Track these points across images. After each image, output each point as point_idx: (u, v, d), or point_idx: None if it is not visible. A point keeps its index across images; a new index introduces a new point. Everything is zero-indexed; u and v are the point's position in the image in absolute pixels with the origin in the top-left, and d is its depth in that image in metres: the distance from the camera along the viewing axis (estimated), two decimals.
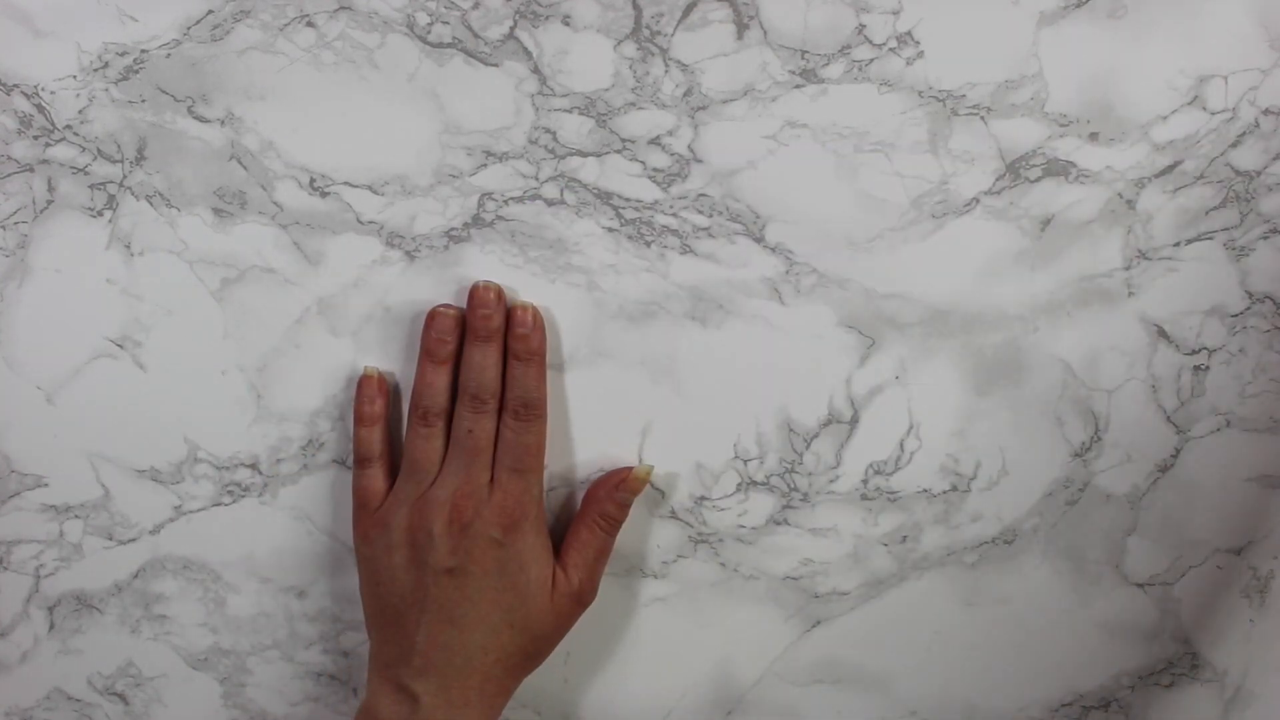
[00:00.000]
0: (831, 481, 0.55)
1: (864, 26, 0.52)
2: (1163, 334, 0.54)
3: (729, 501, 0.55)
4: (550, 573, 0.51)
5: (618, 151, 0.52)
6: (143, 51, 0.52)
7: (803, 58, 0.52)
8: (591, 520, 0.52)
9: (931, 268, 0.53)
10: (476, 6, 0.51)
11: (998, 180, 0.53)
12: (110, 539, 0.56)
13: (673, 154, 0.52)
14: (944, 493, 0.55)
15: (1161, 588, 0.56)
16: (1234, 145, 0.53)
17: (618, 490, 0.52)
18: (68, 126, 0.52)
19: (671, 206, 0.53)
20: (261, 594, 0.56)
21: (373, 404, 0.52)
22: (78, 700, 0.57)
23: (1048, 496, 0.55)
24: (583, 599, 0.52)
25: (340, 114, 0.52)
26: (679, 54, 0.52)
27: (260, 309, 0.54)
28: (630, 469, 0.53)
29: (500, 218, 0.53)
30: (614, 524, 0.53)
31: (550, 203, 0.53)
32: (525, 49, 0.52)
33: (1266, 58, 0.52)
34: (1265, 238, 0.54)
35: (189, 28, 0.52)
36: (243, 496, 0.55)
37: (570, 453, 0.55)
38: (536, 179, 0.53)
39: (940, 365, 0.54)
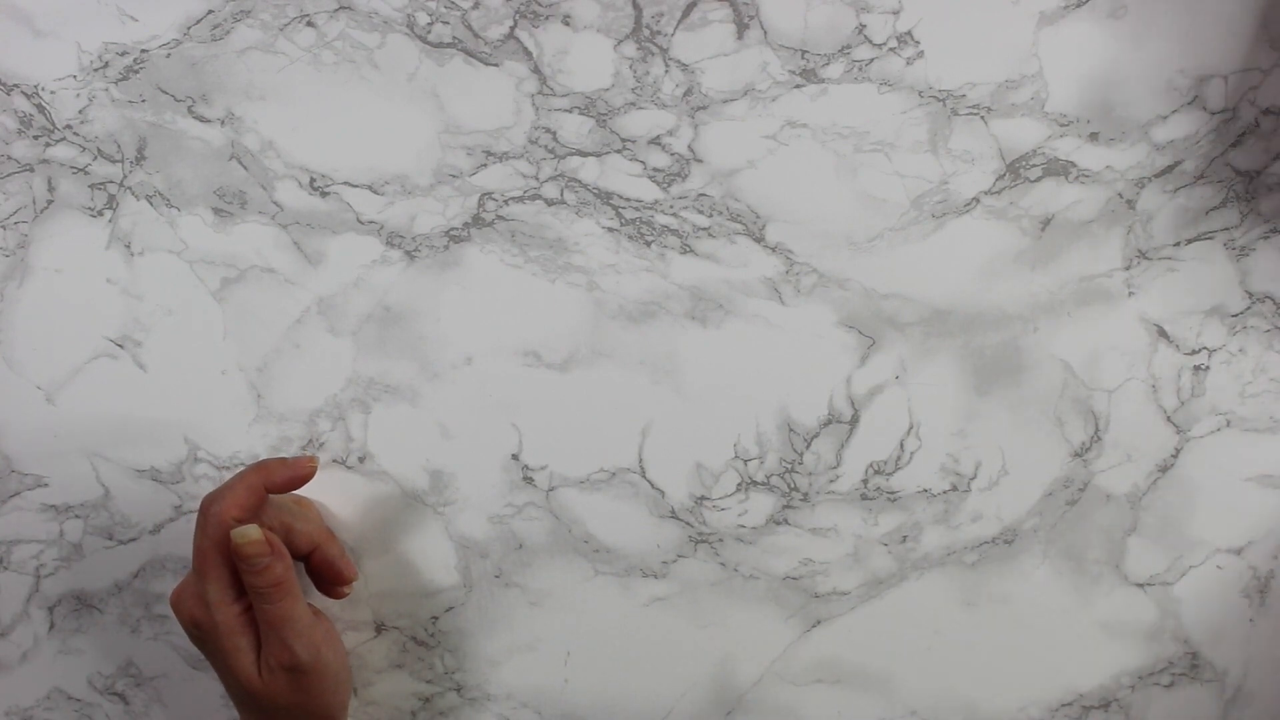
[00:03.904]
0: (831, 481, 0.55)
1: (864, 26, 0.52)
2: (1163, 334, 0.54)
3: (729, 501, 0.55)
4: (252, 660, 0.49)
5: (618, 151, 0.52)
6: (143, 51, 0.52)
7: (803, 58, 0.52)
8: (252, 599, 0.49)
9: (931, 268, 0.53)
10: (476, 6, 0.51)
11: (998, 180, 0.53)
12: (110, 539, 0.56)
13: (673, 154, 0.52)
14: (944, 493, 0.55)
15: (1161, 588, 0.56)
16: (1234, 145, 0.53)
17: (238, 561, 0.48)
18: (68, 126, 0.53)
19: (671, 206, 0.53)
20: None
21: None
22: (78, 700, 0.57)
23: (1048, 496, 0.55)
24: (295, 667, 0.49)
25: (340, 114, 0.52)
26: (679, 54, 0.52)
27: (260, 309, 0.54)
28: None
29: (500, 217, 0.53)
30: (264, 593, 0.48)
31: (550, 203, 0.53)
32: (525, 49, 0.52)
33: (1266, 58, 0.52)
34: (1265, 238, 0.54)
35: (189, 28, 0.52)
36: None
37: (571, 453, 0.55)
38: (536, 179, 0.53)
39: (940, 365, 0.54)
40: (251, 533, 0.48)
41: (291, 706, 0.49)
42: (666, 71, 0.52)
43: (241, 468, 0.55)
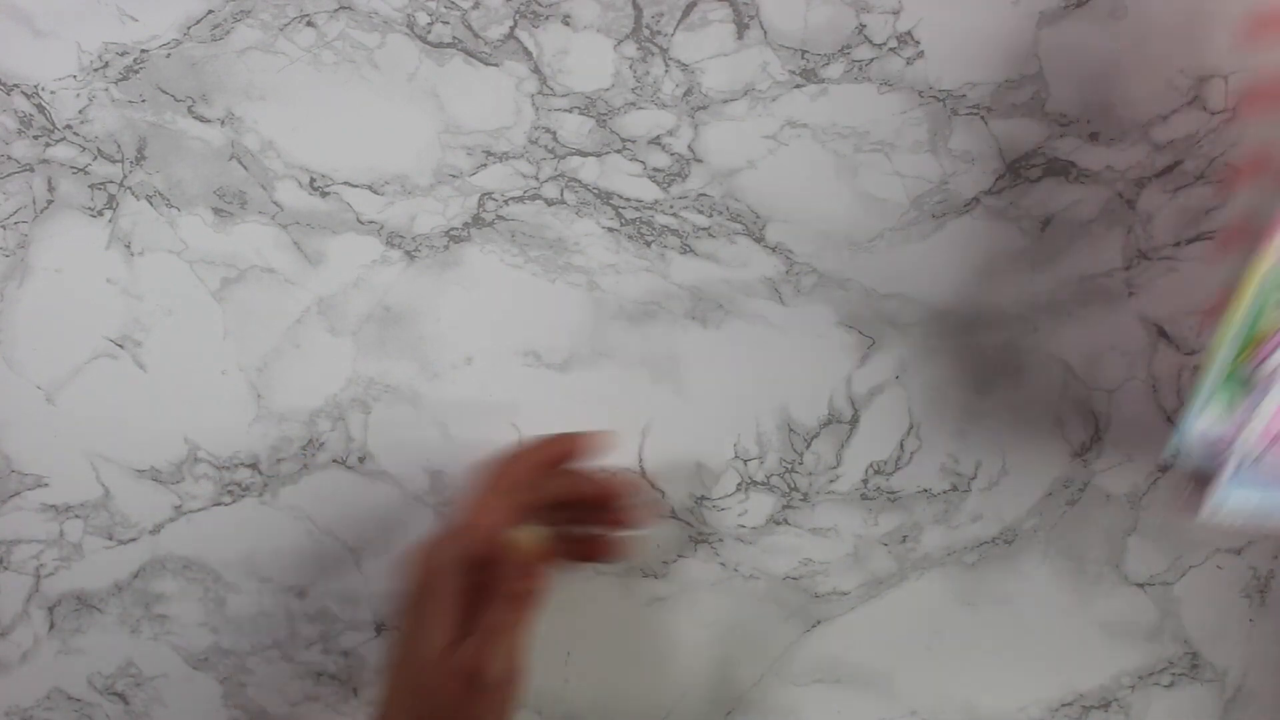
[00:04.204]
0: (832, 481, 0.55)
1: (864, 26, 0.52)
2: (1163, 334, 0.54)
3: (729, 501, 0.55)
4: (445, 641, 0.45)
5: (618, 151, 0.52)
6: (143, 51, 0.52)
7: (803, 57, 0.52)
8: (495, 599, 0.46)
9: (931, 268, 0.53)
10: (476, 6, 0.51)
11: (998, 180, 0.53)
12: (110, 539, 0.56)
13: (673, 154, 0.52)
14: (944, 493, 0.55)
15: (1161, 588, 0.56)
16: (1234, 145, 0.53)
17: (515, 559, 0.46)
18: (68, 126, 0.53)
19: (671, 206, 0.53)
20: (261, 594, 0.56)
21: None
22: (78, 700, 0.57)
23: (1048, 496, 0.55)
24: (477, 676, 0.45)
25: (340, 114, 0.52)
26: (679, 54, 0.52)
27: (260, 309, 0.54)
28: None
29: (500, 217, 0.53)
30: (517, 598, 0.46)
31: (550, 203, 0.53)
32: (525, 49, 0.52)
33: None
34: None
35: (189, 28, 0.52)
36: (243, 496, 0.55)
37: None
38: (536, 179, 0.53)
39: (940, 365, 0.54)
40: (541, 536, 0.46)
41: (444, 713, 0.45)
42: (666, 71, 0.52)
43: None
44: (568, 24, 0.52)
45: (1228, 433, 0.45)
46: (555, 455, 0.50)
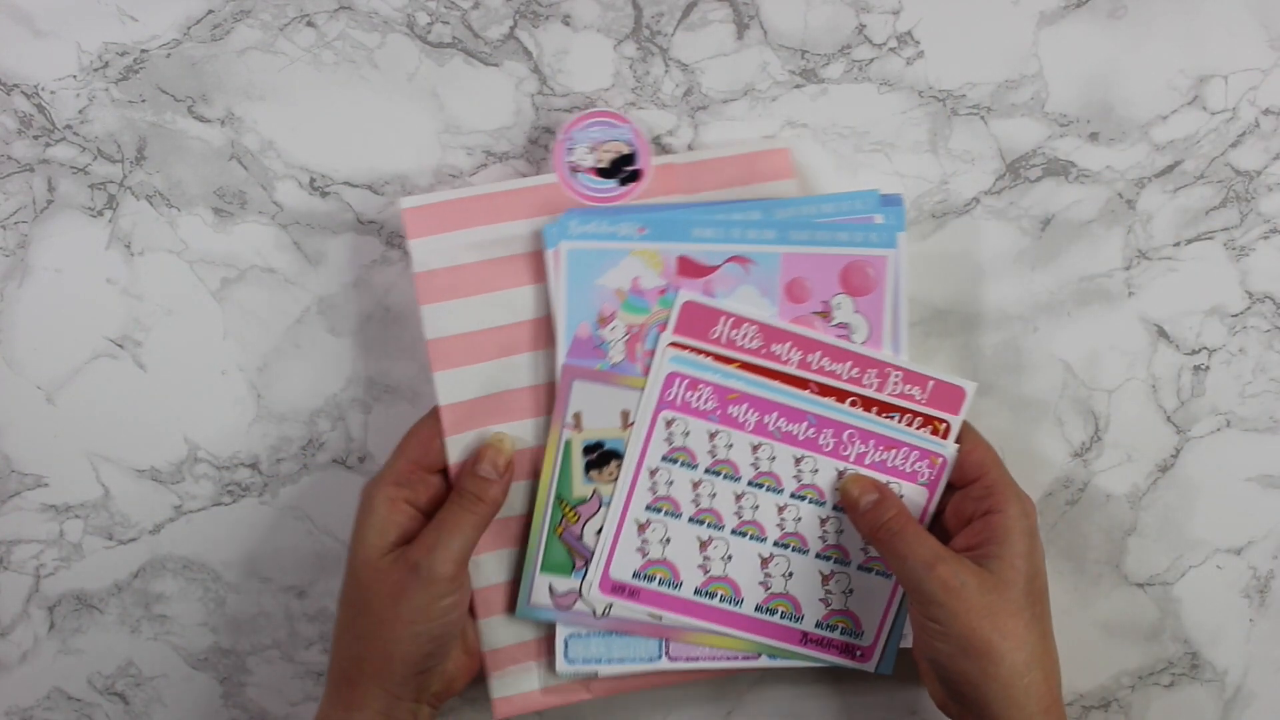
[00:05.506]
0: None
1: (864, 26, 0.52)
2: (1163, 334, 0.54)
3: None
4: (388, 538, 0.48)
5: None
6: (143, 51, 0.52)
7: (803, 57, 0.52)
8: (452, 496, 0.49)
9: (931, 268, 0.53)
10: (476, 6, 0.52)
11: (998, 180, 0.53)
12: (110, 539, 0.56)
13: (673, 154, 0.52)
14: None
15: (1161, 588, 0.56)
16: (1234, 145, 0.53)
17: (475, 463, 0.49)
18: (68, 126, 0.53)
19: None
20: (261, 594, 0.56)
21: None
22: (78, 700, 0.57)
23: (1048, 496, 0.55)
24: (418, 570, 0.47)
25: (340, 114, 0.52)
26: (679, 54, 0.52)
27: (260, 309, 0.54)
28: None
29: None
30: (473, 500, 0.48)
31: None
32: (525, 49, 0.52)
33: (1266, 58, 0.52)
34: (1265, 238, 0.54)
35: (189, 28, 0.52)
36: (243, 496, 0.55)
37: None
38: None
39: (940, 365, 0.54)
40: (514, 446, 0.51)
41: (383, 601, 0.47)
42: (666, 71, 0.52)
43: (240, 468, 0.55)
44: (568, 24, 0.52)
45: (570, 589, 0.51)
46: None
